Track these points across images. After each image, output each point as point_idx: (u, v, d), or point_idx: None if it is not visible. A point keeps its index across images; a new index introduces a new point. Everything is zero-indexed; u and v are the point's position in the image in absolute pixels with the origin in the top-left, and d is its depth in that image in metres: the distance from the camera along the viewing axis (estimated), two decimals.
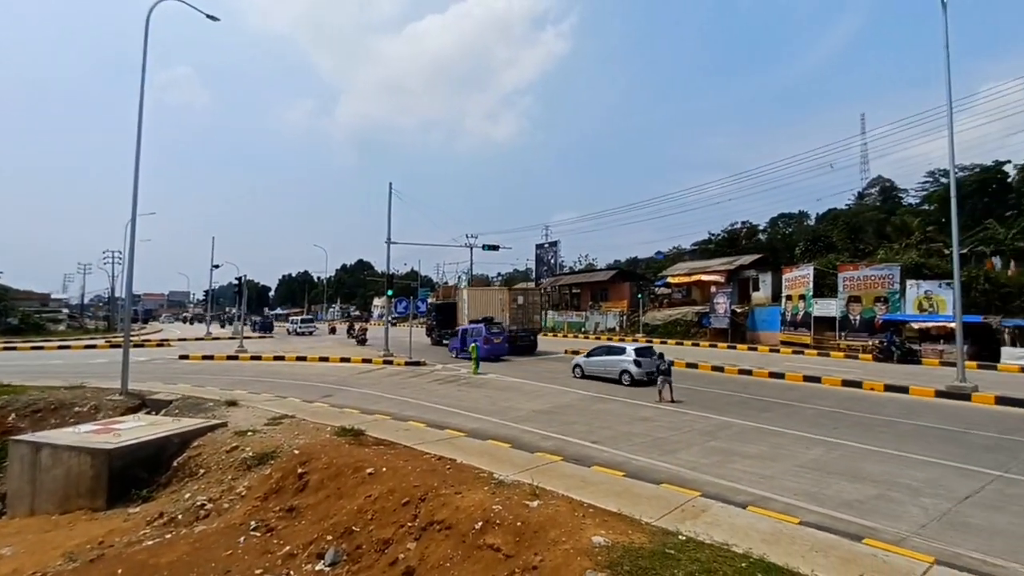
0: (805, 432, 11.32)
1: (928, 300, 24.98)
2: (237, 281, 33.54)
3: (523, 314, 29.97)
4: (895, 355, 23.31)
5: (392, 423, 11.81)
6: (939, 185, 48.78)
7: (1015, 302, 23.82)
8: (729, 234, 50.15)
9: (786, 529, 6.09)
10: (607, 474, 8.23)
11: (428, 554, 6.12)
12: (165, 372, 21.82)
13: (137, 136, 15.48)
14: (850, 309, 27.91)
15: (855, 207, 58.70)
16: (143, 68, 15.54)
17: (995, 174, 44.40)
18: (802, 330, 29.85)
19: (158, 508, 9.08)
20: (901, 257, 29.27)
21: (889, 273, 26.85)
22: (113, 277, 62.96)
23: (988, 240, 29.75)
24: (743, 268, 38.57)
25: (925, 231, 34.90)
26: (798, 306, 30.52)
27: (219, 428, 11.41)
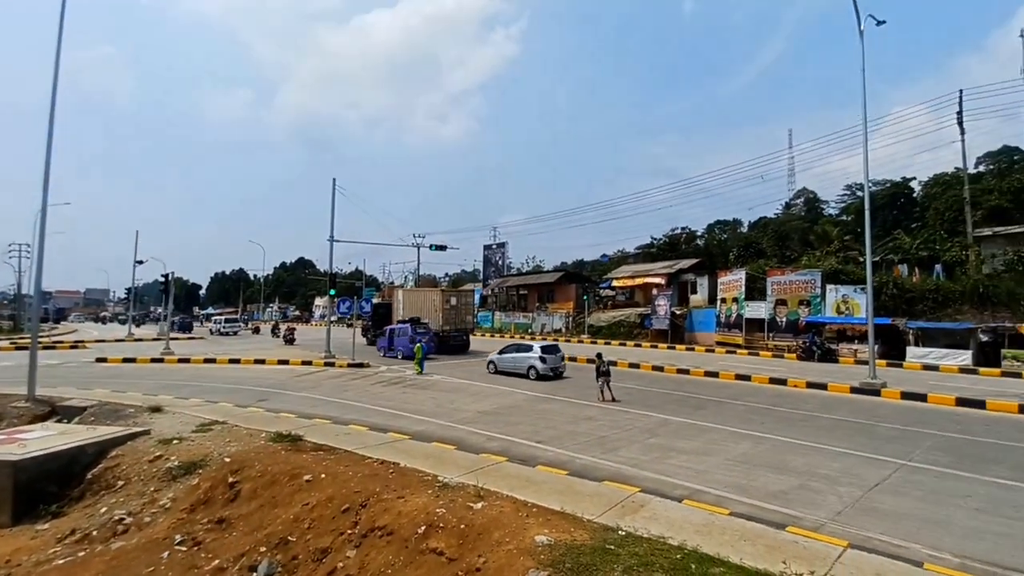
0: (736, 428, 11.95)
1: (845, 303, 27.06)
2: (163, 278, 31.33)
3: (456, 315, 30.89)
4: (816, 354, 25.08)
5: (332, 427, 11.43)
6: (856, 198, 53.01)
7: (919, 305, 26.22)
8: (670, 239, 52.21)
9: (717, 520, 6.41)
10: (551, 473, 8.34)
11: (368, 561, 5.97)
12: (80, 376, 20.07)
13: (50, 117, 14.17)
14: (777, 311, 29.77)
15: (783, 216, 62.69)
16: (58, 43, 14.26)
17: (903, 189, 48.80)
18: (735, 331, 31.51)
19: (70, 524, 8.35)
20: (822, 263, 31.51)
21: (811, 278, 28.86)
22: (20, 272, 57.27)
23: (896, 249, 32.61)
24: (682, 272, 40.26)
25: (843, 240, 37.79)
26: (731, 308, 32.21)
27: (141, 436, 10.62)
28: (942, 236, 32.11)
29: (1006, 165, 47.41)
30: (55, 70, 14.32)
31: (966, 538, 6.39)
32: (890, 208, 46.37)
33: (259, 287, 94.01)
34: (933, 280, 27.26)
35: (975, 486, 8.21)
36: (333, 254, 29.81)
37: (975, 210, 31.46)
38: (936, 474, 8.78)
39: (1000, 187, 35.02)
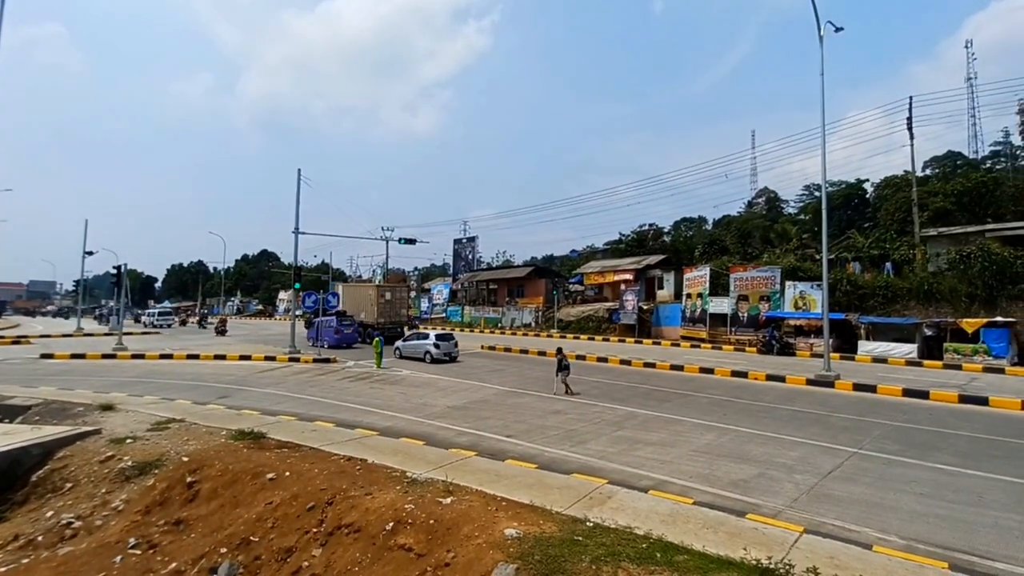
0: (700, 419, 12.28)
1: (802, 299, 28.12)
2: (115, 270, 29.87)
3: (391, 308, 32.70)
4: (775, 348, 26.00)
5: (298, 424, 11.16)
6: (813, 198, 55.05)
7: (870, 301, 27.49)
8: (638, 235, 53.05)
9: (682, 510, 6.58)
10: (520, 467, 8.38)
11: (335, 560, 5.87)
12: (23, 373, 18.98)
13: None
14: (739, 307, 30.70)
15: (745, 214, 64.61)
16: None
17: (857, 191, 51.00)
18: (699, 326, 32.35)
19: (13, 529, 7.89)
20: (781, 261, 32.63)
21: (772, 275, 29.87)
22: None
23: (850, 248, 34.05)
24: (650, 268, 41.01)
25: (801, 238, 39.26)
26: (696, 304, 33.03)
27: (91, 436, 10.11)
28: (892, 236, 33.71)
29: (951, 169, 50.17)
30: None
31: (912, 521, 6.75)
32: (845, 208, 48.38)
33: (219, 280, 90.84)
34: (883, 277, 28.57)
35: (920, 472, 8.68)
36: (298, 247, 29.02)
37: (922, 211, 33.14)
38: (885, 461, 9.24)
39: (945, 190, 36.99)
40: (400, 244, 49.11)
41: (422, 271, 77.69)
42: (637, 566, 4.96)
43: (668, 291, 38.16)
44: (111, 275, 31.13)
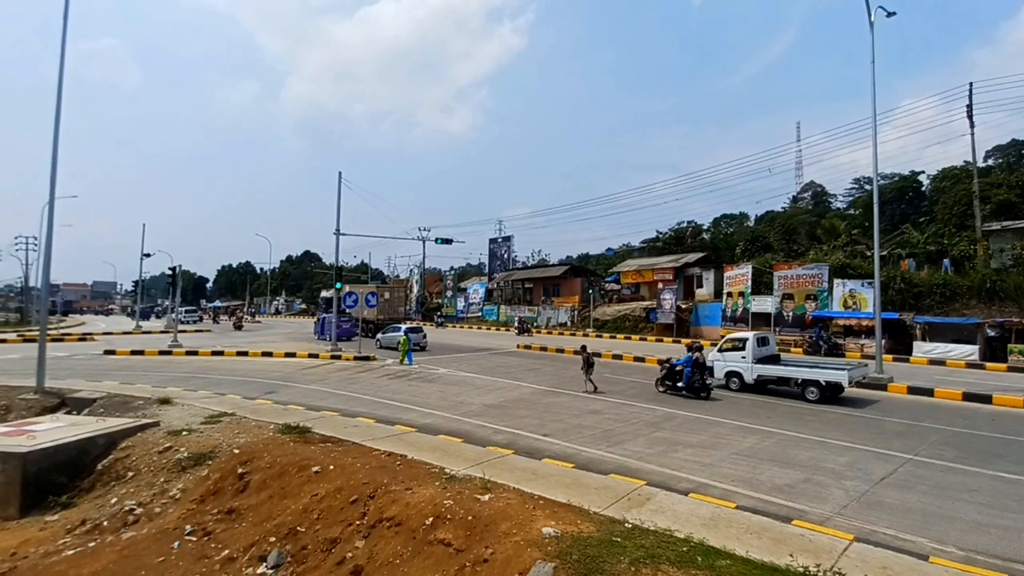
0: (742, 422, 11.95)
1: (852, 298, 26.91)
2: (171, 271, 31.52)
3: (389, 306, 36.72)
4: (822, 349, 25.00)
5: (340, 420, 11.50)
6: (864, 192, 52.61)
7: (926, 300, 26.06)
8: (676, 233, 51.98)
9: (724, 514, 6.43)
10: (557, 466, 8.38)
11: (377, 552, 6.02)
12: (89, 368, 20.27)
13: (56, 109, 14.21)
14: (784, 306, 29.66)
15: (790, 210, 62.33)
16: (63, 37, 14.28)
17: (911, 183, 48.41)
18: (741, 325, 31.41)
19: (80, 515, 8.44)
20: (829, 258, 31.32)
21: (819, 272, 28.71)
22: (27, 265, 57.72)
23: (904, 244, 32.37)
24: (688, 266, 40.13)
25: (851, 234, 37.54)
26: (738, 303, 32.11)
27: (150, 428, 10.72)
28: (950, 231, 31.87)
29: (1015, 159, 46.91)
30: (60, 65, 14.34)
31: (971, 531, 6.39)
32: (898, 202, 46.04)
33: (266, 280, 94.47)
34: (941, 275, 27.03)
35: (981, 480, 8.19)
36: (339, 247, 29.86)
37: (984, 204, 31.18)
38: (942, 468, 8.76)
39: (1009, 181, 34.69)
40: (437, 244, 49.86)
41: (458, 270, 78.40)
42: (677, 569, 4.89)
43: (707, 290, 37.25)
44: (167, 276, 32.85)
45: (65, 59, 14.38)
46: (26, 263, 57.65)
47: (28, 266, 57.55)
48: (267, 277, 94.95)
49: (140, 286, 56.63)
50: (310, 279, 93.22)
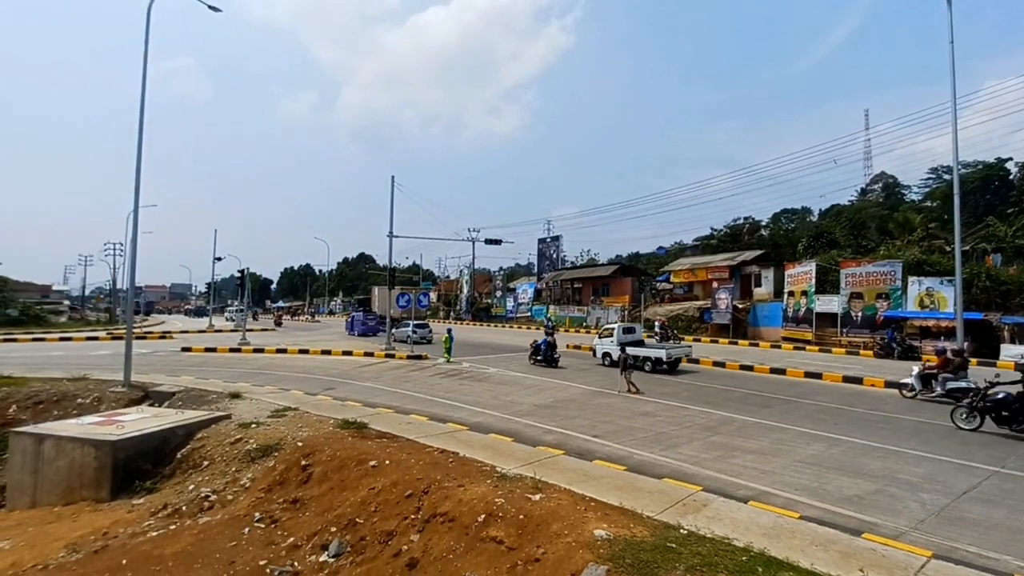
0: (806, 428, 11.37)
1: (929, 297, 24.97)
2: (239, 274, 33.59)
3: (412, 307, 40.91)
4: (896, 352, 23.34)
5: (394, 416, 11.86)
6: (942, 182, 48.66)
7: (1015, 299, 23.81)
8: (731, 230, 50.07)
9: (786, 524, 6.15)
10: (609, 468, 8.29)
11: (431, 546, 6.17)
12: (168, 364, 21.90)
13: (139, 128, 15.46)
14: (852, 305, 27.92)
15: (858, 203, 58.65)
16: (144, 59, 15.50)
17: (997, 171, 44.34)
18: (804, 326, 29.87)
19: (162, 499, 9.14)
20: (903, 254, 29.23)
21: (891, 270, 26.83)
22: (114, 269, 63.16)
23: (989, 237, 29.73)
24: (745, 264, 38.56)
25: (927, 228, 34.85)
26: (800, 302, 30.53)
27: (223, 420, 11.47)
28: None
29: None
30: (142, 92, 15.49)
31: None
32: (982, 192, 42.33)
33: (324, 281, 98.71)
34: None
35: None
36: (392, 249, 30.81)
37: None
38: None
39: None
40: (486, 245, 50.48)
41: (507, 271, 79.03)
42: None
43: (767, 289, 35.64)
44: (236, 278, 34.99)
45: (147, 78, 15.61)
46: (113, 267, 63.18)
47: (115, 270, 62.91)
48: (325, 279, 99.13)
49: (212, 287, 60.65)
50: (364, 280, 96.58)
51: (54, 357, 24.03)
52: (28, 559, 7.55)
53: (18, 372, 17.19)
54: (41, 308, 55.93)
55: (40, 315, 52.08)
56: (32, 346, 30.68)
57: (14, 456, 10.77)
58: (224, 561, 6.72)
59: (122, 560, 6.88)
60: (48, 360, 22.57)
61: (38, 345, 31.25)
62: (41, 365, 20.07)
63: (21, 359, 22.46)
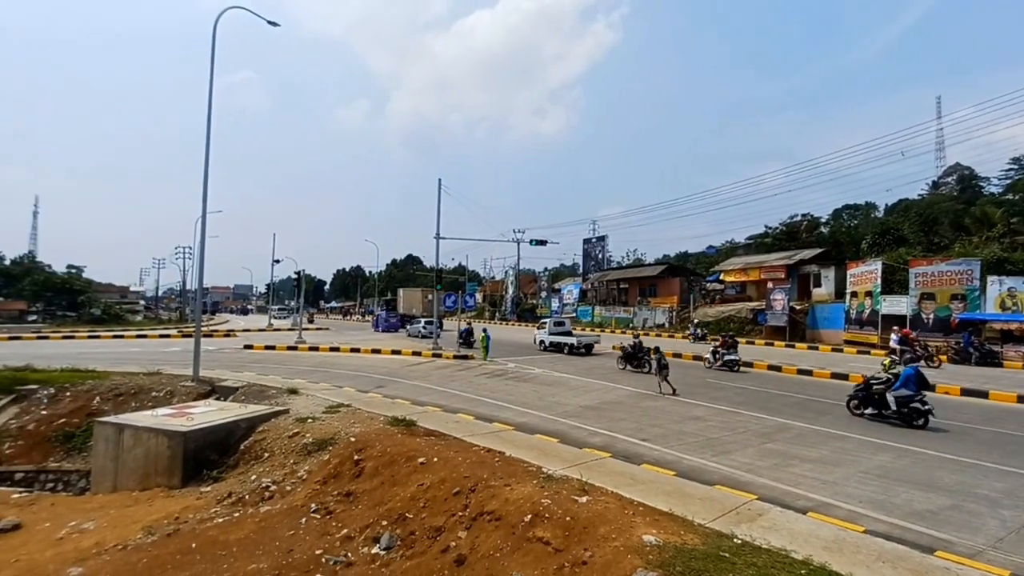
0: (871, 437, 10.72)
1: (1012, 298, 22.97)
2: (296, 275, 35.18)
3: (431, 306, 43.57)
4: (973, 357, 21.61)
5: (442, 415, 12.08)
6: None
7: None
8: (788, 227, 47.86)
9: (850, 537, 5.82)
10: (657, 473, 8.12)
11: (479, 543, 6.25)
12: (232, 361, 23.19)
13: (206, 140, 16.46)
14: (923, 307, 26.06)
15: (929, 197, 54.72)
16: (211, 73, 16.47)
17: None
18: (868, 329, 28.16)
19: (227, 488, 9.68)
20: (981, 251, 27.04)
21: (967, 268, 24.86)
22: (184, 271, 67.43)
23: None
24: (803, 263, 36.76)
25: (1009, 223, 32.05)
26: (864, 303, 28.80)
27: (282, 415, 12.05)
28: None
29: None
30: (208, 108, 16.43)
31: None
32: None
33: (374, 282, 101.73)
34: None
35: None
36: (439, 251, 31.36)
37: None
38: None
39: None
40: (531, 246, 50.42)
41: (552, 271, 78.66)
42: None
43: (827, 289, 33.85)
44: (293, 279, 36.65)
45: (213, 92, 16.60)
46: (183, 269, 67.39)
47: (185, 272, 67.21)
48: (375, 280, 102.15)
49: (271, 288, 63.78)
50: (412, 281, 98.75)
51: (131, 353, 25.97)
52: (110, 539, 8.20)
53: (101, 366, 18.68)
54: (120, 308, 60.73)
55: (119, 314, 56.53)
56: (112, 342, 33.27)
57: (98, 444, 11.72)
58: (283, 549, 7.05)
59: (192, 544, 7.35)
60: (126, 355, 24.41)
61: (117, 342, 33.87)
62: (120, 360, 21.72)
63: (103, 354, 24.40)
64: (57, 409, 14.64)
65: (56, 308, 54.85)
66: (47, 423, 14.15)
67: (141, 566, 6.77)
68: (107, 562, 7.11)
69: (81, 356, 21.82)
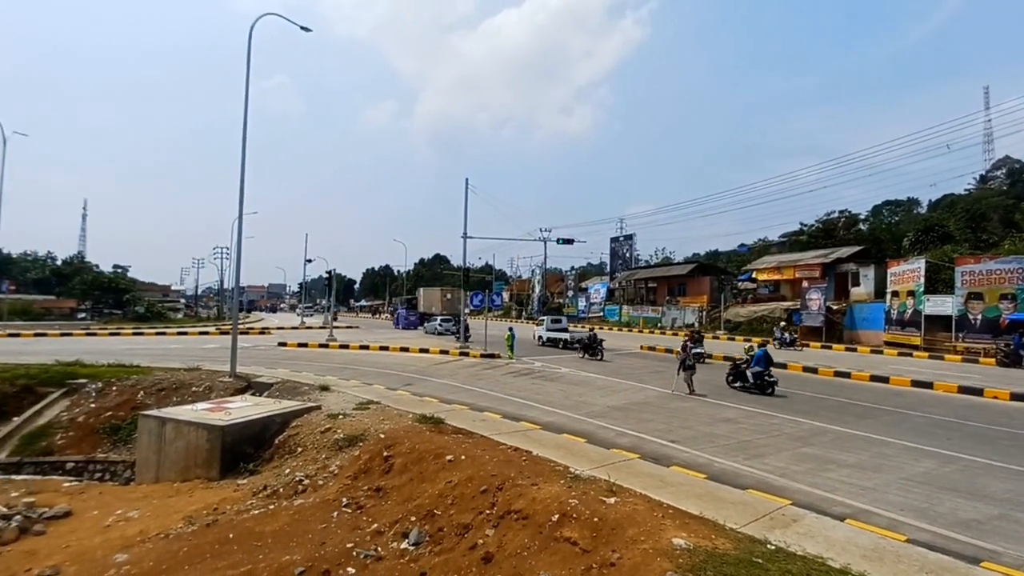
0: (913, 442, 10.30)
1: None
2: (327, 275, 36.00)
3: (450, 304, 47.78)
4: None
5: (469, 413, 12.16)
6: None
7: None
8: (824, 224, 46.34)
9: (891, 546, 5.61)
10: (687, 475, 7.99)
11: (506, 542, 6.27)
12: (266, 358, 23.87)
13: (243, 144, 16.97)
14: (969, 307, 24.88)
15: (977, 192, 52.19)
16: (247, 78, 16.97)
17: None
18: (911, 330, 27.05)
19: (263, 481, 9.98)
20: None
21: (1018, 267, 23.60)
22: (222, 271, 69.85)
23: None
24: (840, 261, 35.55)
25: None
26: (906, 303, 27.66)
27: (314, 411, 12.34)
28: None
29: None
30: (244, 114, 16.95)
31: None
32: None
33: (402, 281, 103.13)
34: None
35: None
36: (467, 250, 31.59)
37: None
38: None
39: None
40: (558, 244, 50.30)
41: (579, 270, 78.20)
42: None
43: (866, 288, 32.66)
44: (324, 278, 37.52)
45: (249, 97, 17.12)
46: (221, 269, 69.82)
47: (223, 272, 69.58)
48: (403, 279, 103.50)
49: (304, 287, 65.42)
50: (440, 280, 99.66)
51: (173, 349, 27.02)
52: (153, 528, 8.56)
53: (144, 362, 19.50)
54: (162, 306, 63.30)
55: (161, 312, 58.90)
56: (155, 339, 34.68)
57: (142, 436, 12.24)
58: (316, 542, 7.22)
59: (229, 534, 7.60)
60: (168, 352, 25.42)
61: (160, 338, 35.28)
62: (162, 356, 22.63)
63: (146, 350, 25.47)
64: (104, 402, 15.35)
65: (103, 306, 57.53)
66: (95, 415, 14.85)
67: (182, 554, 7.04)
68: (151, 550, 7.42)
69: (126, 352, 22.84)
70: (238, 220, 17.50)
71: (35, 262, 75.81)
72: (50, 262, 75.92)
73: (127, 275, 69.11)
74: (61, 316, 50.00)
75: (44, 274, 69.89)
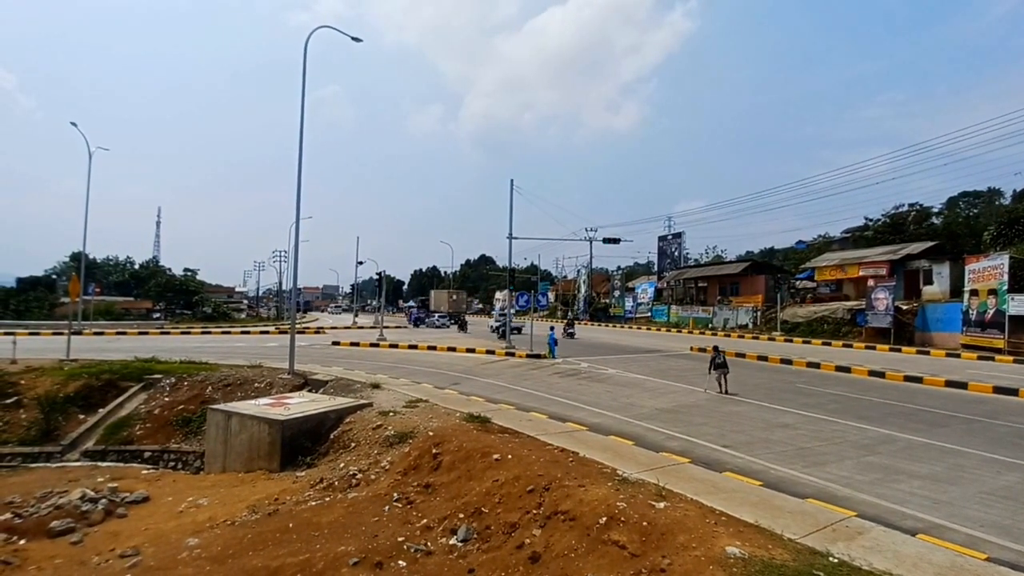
0: (995, 454, 9.50)
1: None
2: (377, 276, 37.12)
3: (456, 304, 58.62)
4: None
5: (516, 413, 12.22)
6: None
7: None
8: (892, 219, 43.43)
9: (969, 564, 5.21)
10: (741, 481, 7.71)
11: (553, 543, 6.26)
12: (321, 356, 24.88)
13: (299, 152, 17.77)
14: None
15: None
16: (302, 88, 17.76)
17: None
18: (992, 331, 24.93)
19: (319, 474, 10.42)
20: None
21: None
22: (280, 273, 73.35)
23: None
24: (910, 258, 33.22)
25: None
26: (987, 303, 25.51)
27: (366, 408, 12.76)
28: None
29: None
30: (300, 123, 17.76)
31: None
32: None
33: (448, 282, 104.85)
34: None
35: None
36: (512, 251, 31.73)
37: None
38: None
39: None
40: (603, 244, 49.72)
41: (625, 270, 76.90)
42: None
43: (940, 287, 30.39)
44: (374, 280, 38.68)
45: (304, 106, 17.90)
46: (280, 272, 73.32)
47: (281, 274, 73.06)
48: (449, 280, 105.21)
49: (355, 289, 67.79)
50: (486, 281, 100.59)
51: (237, 347, 28.64)
52: (220, 515, 9.13)
53: (212, 359, 20.79)
54: (227, 306, 67.29)
55: (226, 312, 62.61)
56: (221, 338, 36.87)
57: (210, 428, 13.04)
58: (368, 534, 7.47)
59: (289, 523, 7.99)
60: (233, 350, 26.96)
61: (225, 337, 37.49)
62: (228, 354, 24.03)
63: (213, 348, 27.12)
64: (177, 396, 16.47)
65: (175, 307, 61.79)
66: (169, 408, 15.97)
67: (247, 541, 7.46)
68: (218, 535, 7.91)
69: (195, 350, 24.42)
70: (295, 224, 18.34)
71: (116, 266, 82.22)
72: (129, 266, 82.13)
73: (196, 278, 73.81)
74: (139, 316, 54.01)
75: (124, 277, 75.75)
